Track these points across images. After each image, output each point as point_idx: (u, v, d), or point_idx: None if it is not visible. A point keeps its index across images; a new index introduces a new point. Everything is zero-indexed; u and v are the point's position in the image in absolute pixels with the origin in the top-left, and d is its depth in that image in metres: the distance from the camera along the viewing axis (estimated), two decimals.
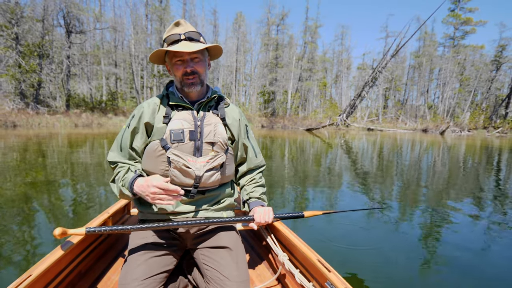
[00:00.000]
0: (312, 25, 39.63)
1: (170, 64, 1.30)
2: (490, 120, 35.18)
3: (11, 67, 20.16)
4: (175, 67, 1.27)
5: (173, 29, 1.28)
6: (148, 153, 1.30)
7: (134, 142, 1.31)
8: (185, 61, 1.26)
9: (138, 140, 1.31)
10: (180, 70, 1.27)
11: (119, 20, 33.85)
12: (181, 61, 1.26)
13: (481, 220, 3.61)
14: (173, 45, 1.24)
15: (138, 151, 1.32)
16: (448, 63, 39.32)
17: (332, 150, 11.51)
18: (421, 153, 11.45)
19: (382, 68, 27.78)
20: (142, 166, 1.33)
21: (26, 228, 2.89)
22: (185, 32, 1.26)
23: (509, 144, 17.28)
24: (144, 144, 1.31)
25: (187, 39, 1.26)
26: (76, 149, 9.02)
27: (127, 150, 1.32)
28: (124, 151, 1.32)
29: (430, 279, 2.21)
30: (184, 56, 1.25)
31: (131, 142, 1.32)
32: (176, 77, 1.30)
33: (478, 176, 6.59)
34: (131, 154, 1.33)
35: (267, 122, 31.27)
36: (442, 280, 2.19)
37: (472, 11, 40.55)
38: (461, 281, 2.19)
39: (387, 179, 5.94)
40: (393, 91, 45.43)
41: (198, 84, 1.30)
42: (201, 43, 1.30)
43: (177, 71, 1.27)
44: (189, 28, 1.29)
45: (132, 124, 1.31)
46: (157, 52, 1.28)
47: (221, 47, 1.38)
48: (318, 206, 4.03)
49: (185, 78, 1.28)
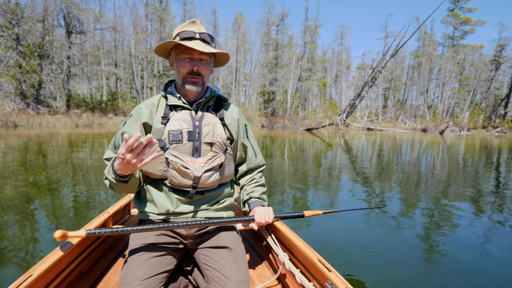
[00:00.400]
0: (312, 25, 39.74)
1: (176, 59, 1.30)
2: (489, 120, 35.26)
3: (11, 68, 20.20)
4: (182, 63, 1.27)
5: (188, 26, 1.28)
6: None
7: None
8: (193, 59, 1.27)
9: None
10: (187, 67, 1.26)
11: (119, 21, 33.91)
12: (189, 58, 1.26)
13: (482, 219, 3.62)
14: (186, 41, 1.24)
15: None
16: (447, 63, 39.42)
17: (332, 150, 11.54)
18: (420, 152, 11.51)
19: (382, 68, 27.87)
20: None
21: (27, 228, 2.90)
22: (200, 33, 1.27)
23: (508, 144, 17.37)
24: None
25: (201, 40, 1.27)
26: (76, 149, 9.07)
27: None
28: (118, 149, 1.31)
29: (431, 278, 2.20)
30: (194, 54, 1.26)
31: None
32: (180, 73, 1.29)
33: (478, 175, 6.64)
34: None
35: (267, 122, 31.35)
36: (443, 279, 2.19)
37: (472, 11, 40.69)
38: (461, 280, 2.19)
39: (387, 179, 5.96)
40: (393, 91, 45.52)
41: (200, 85, 1.30)
42: (211, 47, 1.31)
43: (183, 68, 1.27)
44: (203, 30, 1.31)
45: (129, 123, 1.31)
46: (167, 44, 1.28)
47: (229, 57, 1.39)
48: (318, 205, 4.04)
49: (189, 76, 1.28)
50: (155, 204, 1.31)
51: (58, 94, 25.43)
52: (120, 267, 1.52)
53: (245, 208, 1.52)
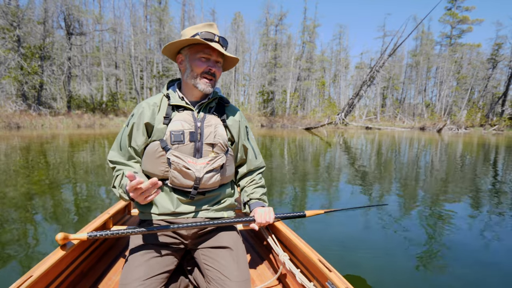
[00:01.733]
0: (310, 25, 39.95)
1: (191, 58, 1.29)
2: (486, 118, 35.49)
3: (13, 69, 20.38)
4: (198, 63, 1.27)
5: (208, 28, 1.29)
6: (148, 154, 1.30)
7: (134, 141, 1.31)
8: (210, 60, 1.28)
9: (138, 139, 1.30)
10: (203, 67, 1.27)
11: (118, 22, 34.05)
12: (206, 58, 1.27)
13: (481, 216, 3.63)
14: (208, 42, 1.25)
15: (137, 150, 1.31)
16: (445, 62, 39.66)
17: (331, 149, 11.67)
18: (419, 150, 11.65)
19: (380, 67, 28.08)
20: (142, 167, 1.33)
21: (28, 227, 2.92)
22: (219, 36, 1.29)
23: (505, 141, 17.59)
24: (144, 143, 1.30)
25: (219, 43, 1.29)
26: (79, 149, 9.23)
27: (126, 149, 1.31)
28: (123, 150, 1.32)
29: (432, 278, 2.19)
30: (213, 55, 1.28)
31: (130, 141, 1.31)
32: (194, 72, 1.28)
33: (476, 172, 6.76)
34: (130, 154, 1.32)
35: (266, 121, 31.59)
36: (444, 279, 2.18)
37: (469, 9, 40.91)
38: (462, 279, 2.19)
39: (387, 177, 5.99)
40: (391, 89, 45.76)
41: (212, 87, 1.31)
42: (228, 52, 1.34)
43: (199, 67, 1.27)
44: (219, 33, 1.33)
45: (131, 123, 1.30)
46: (184, 42, 1.27)
47: (237, 62, 1.42)
48: (318, 205, 4.03)
49: (205, 76, 1.28)
50: (156, 205, 1.31)
51: (58, 95, 25.59)
52: (121, 267, 1.51)
53: (246, 209, 1.52)
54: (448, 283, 2.14)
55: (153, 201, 1.31)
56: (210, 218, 1.36)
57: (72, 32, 23.96)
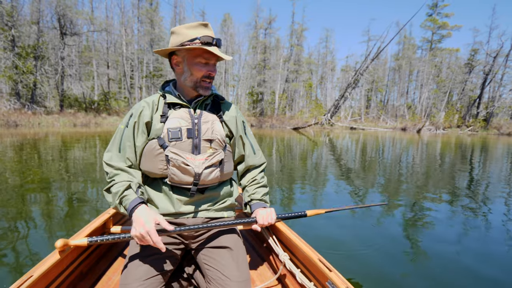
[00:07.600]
0: (298, 29, 41.04)
1: (189, 62, 1.27)
2: (463, 119, 37.15)
3: (8, 68, 20.61)
4: (197, 67, 1.26)
5: (204, 29, 1.26)
6: (146, 153, 1.28)
7: (135, 141, 1.29)
8: (209, 64, 1.28)
9: (139, 140, 1.29)
10: (203, 71, 1.27)
11: (110, 22, 34.25)
12: (206, 63, 1.27)
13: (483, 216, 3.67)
14: (207, 47, 1.23)
15: (137, 152, 1.30)
16: (425, 66, 41.26)
17: (318, 148, 11.97)
18: (401, 150, 12.14)
19: (364, 71, 29.42)
20: (141, 166, 1.32)
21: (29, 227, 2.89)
22: (217, 39, 1.27)
23: (479, 141, 18.80)
24: (143, 143, 1.29)
25: (216, 45, 1.27)
26: (77, 146, 9.47)
27: (126, 150, 1.28)
28: (123, 152, 1.28)
29: (433, 278, 2.18)
30: (212, 60, 1.28)
31: (134, 141, 1.29)
32: (193, 76, 1.28)
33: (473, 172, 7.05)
34: (130, 156, 1.28)
35: (256, 121, 32.32)
36: (444, 278, 2.18)
37: (448, 16, 42.81)
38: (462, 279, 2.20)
39: (385, 176, 6.07)
40: (375, 91, 47.31)
41: (210, 89, 1.33)
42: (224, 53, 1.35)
43: (199, 72, 1.26)
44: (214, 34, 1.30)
45: (132, 123, 1.28)
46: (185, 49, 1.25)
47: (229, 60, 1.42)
48: (314, 204, 4.02)
49: (204, 80, 1.29)
50: (156, 205, 1.31)
51: (50, 94, 25.79)
52: (121, 267, 1.48)
53: (247, 210, 1.51)
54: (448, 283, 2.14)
55: (153, 202, 1.32)
56: (210, 218, 1.35)
57: (66, 32, 24.25)
